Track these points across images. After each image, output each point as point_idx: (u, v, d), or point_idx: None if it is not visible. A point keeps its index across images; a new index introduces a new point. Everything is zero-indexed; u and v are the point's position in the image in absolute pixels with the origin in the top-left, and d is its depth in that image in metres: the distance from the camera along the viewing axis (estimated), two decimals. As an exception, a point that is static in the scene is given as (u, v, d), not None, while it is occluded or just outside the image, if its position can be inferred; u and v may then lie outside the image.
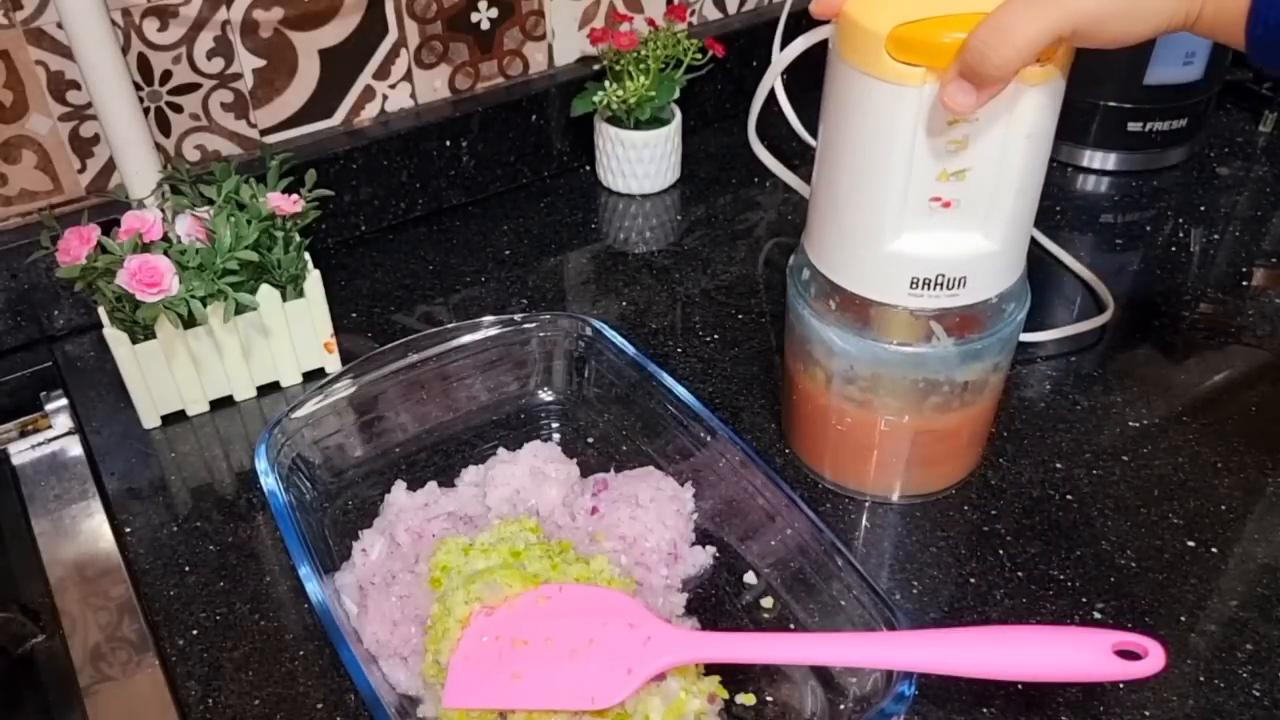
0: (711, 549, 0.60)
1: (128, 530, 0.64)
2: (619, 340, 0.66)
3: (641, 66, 0.88)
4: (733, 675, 0.52)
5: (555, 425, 0.70)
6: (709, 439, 0.61)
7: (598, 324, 0.68)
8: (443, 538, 0.57)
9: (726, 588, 0.59)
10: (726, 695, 0.51)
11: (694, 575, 0.59)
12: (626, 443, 0.67)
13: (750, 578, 0.59)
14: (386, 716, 0.47)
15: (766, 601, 0.58)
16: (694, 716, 0.49)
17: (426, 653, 0.52)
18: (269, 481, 0.58)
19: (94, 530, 0.65)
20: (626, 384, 0.66)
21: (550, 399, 0.71)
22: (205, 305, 0.66)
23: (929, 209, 0.52)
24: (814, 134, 0.96)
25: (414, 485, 0.63)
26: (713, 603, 0.58)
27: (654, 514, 0.59)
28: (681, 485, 0.62)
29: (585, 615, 0.51)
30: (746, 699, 0.53)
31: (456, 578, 0.54)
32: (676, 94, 0.90)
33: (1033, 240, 0.85)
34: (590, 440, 0.68)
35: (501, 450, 0.65)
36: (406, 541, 0.59)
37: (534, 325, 0.69)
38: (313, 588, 0.53)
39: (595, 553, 0.57)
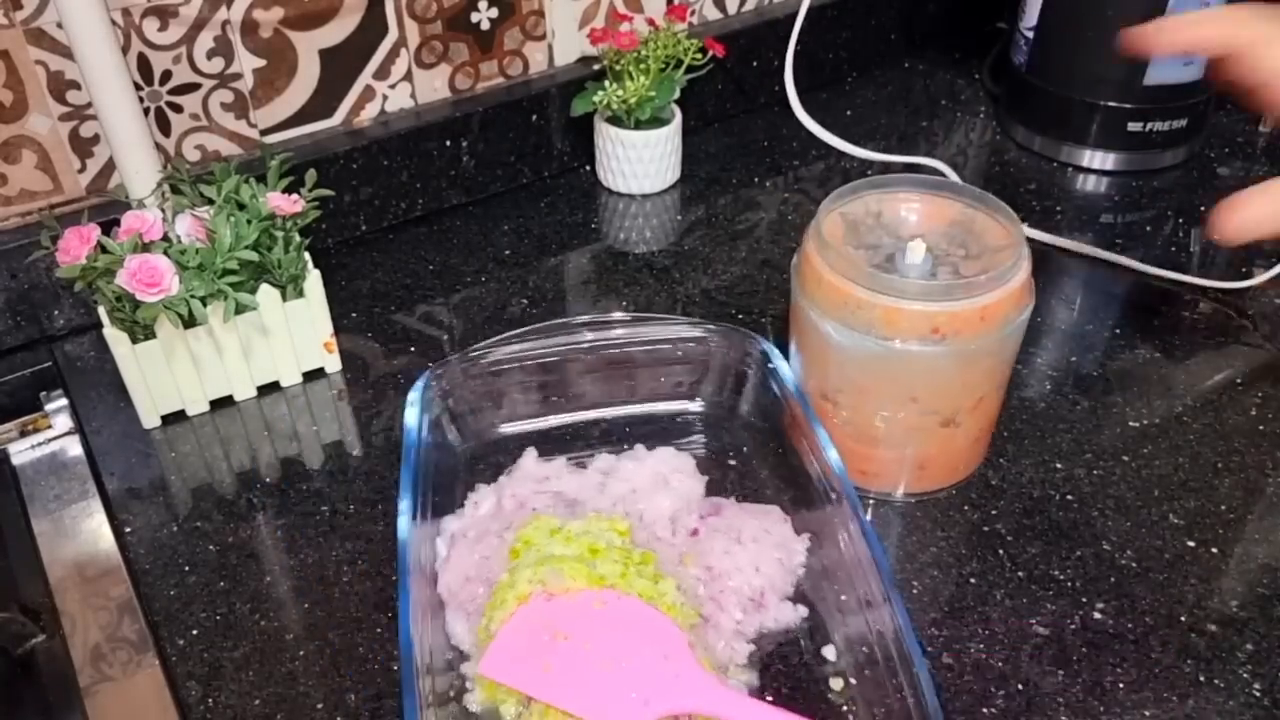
0: (804, 610, 0.57)
1: (128, 530, 0.64)
2: (784, 369, 0.64)
3: (641, 66, 0.88)
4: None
5: (700, 438, 0.68)
6: (837, 501, 0.57)
7: (769, 348, 0.65)
8: (539, 513, 0.58)
9: (804, 655, 0.55)
10: None
11: (773, 630, 0.56)
12: (761, 476, 0.65)
13: (830, 653, 0.55)
14: (412, 671, 0.48)
15: (836, 684, 0.54)
16: None
17: (484, 615, 0.53)
18: (411, 415, 0.61)
19: (94, 530, 0.65)
20: (781, 416, 0.64)
21: (704, 410, 0.70)
22: (205, 305, 0.66)
23: None
24: (822, 125, 0.96)
25: (547, 456, 0.64)
26: (781, 665, 0.55)
27: (750, 555, 0.57)
28: (798, 536, 0.59)
29: (630, 632, 0.51)
30: None
31: (532, 555, 0.54)
32: (676, 94, 0.90)
33: (1031, 240, 0.85)
34: (731, 462, 0.66)
35: (639, 448, 0.64)
36: (510, 507, 0.60)
37: (707, 333, 0.67)
38: (403, 522, 0.54)
39: (680, 574, 0.55)
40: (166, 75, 0.77)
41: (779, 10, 1.02)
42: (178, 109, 0.79)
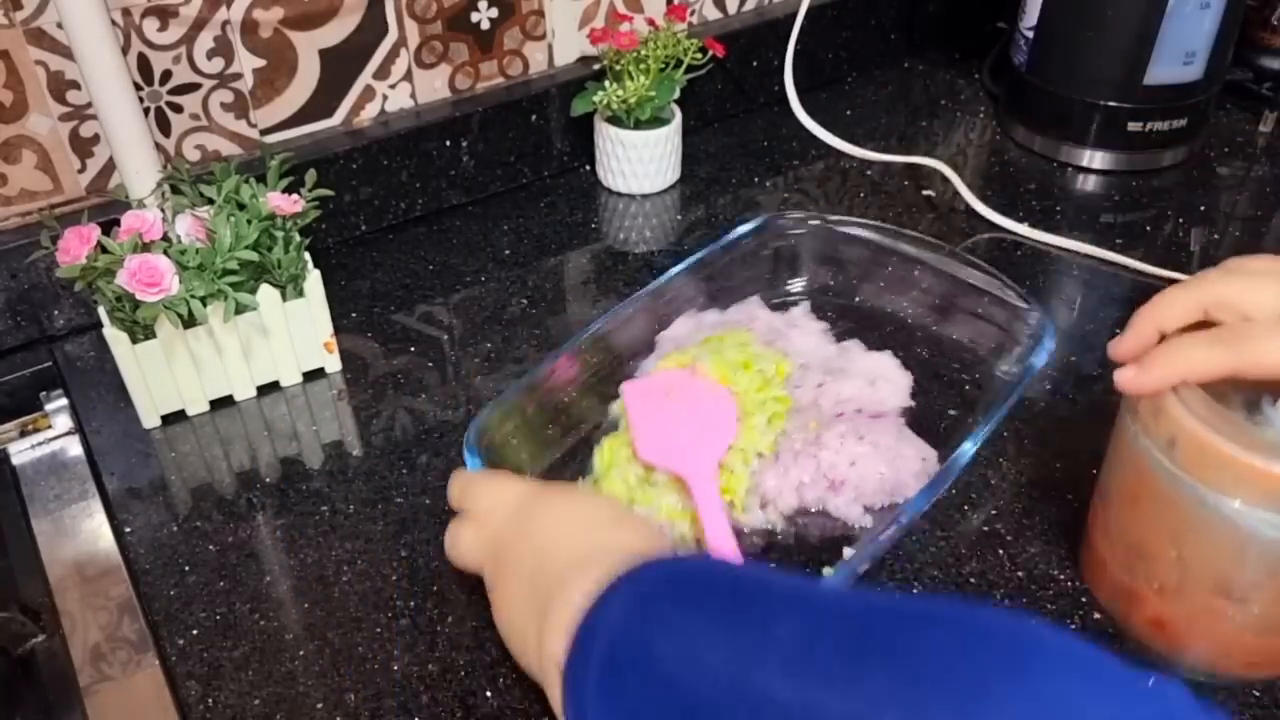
0: (868, 520, 0.61)
1: (128, 530, 0.64)
2: (1038, 362, 0.64)
3: (641, 66, 0.88)
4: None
5: (944, 373, 0.72)
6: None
7: (1049, 335, 0.65)
8: (749, 330, 0.70)
9: (830, 540, 0.61)
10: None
11: (830, 514, 0.62)
12: (956, 424, 0.68)
13: (847, 553, 0.58)
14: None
15: (827, 570, 0.57)
16: (679, 534, 0.59)
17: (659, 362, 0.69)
18: (743, 229, 0.75)
19: (94, 530, 0.65)
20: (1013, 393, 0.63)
21: (962, 352, 0.73)
22: (205, 305, 0.66)
23: None
24: (822, 125, 0.96)
25: (817, 315, 0.75)
26: (806, 532, 0.62)
27: (857, 452, 0.62)
28: (923, 478, 0.62)
29: (708, 418, 0.63)
30: None
31: (712, 346, 0.67)
32: (676, 94, 0.90)
33: (1031, 240, 0.86)
34: (950, 411, 0.69)
35: (886, 352, 0.70)
36: (745, 320, 0.73)
37: (1015, 297, 0.70)
38: (671, 272, 0.73)
39: (796, 429, 0.63)
40: (166, 75, 0.77)
41: (779, 10, 1.02)
42: (178, 109, 0.79)
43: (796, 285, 0.79)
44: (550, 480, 0.65)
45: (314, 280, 0.71)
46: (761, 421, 0.63)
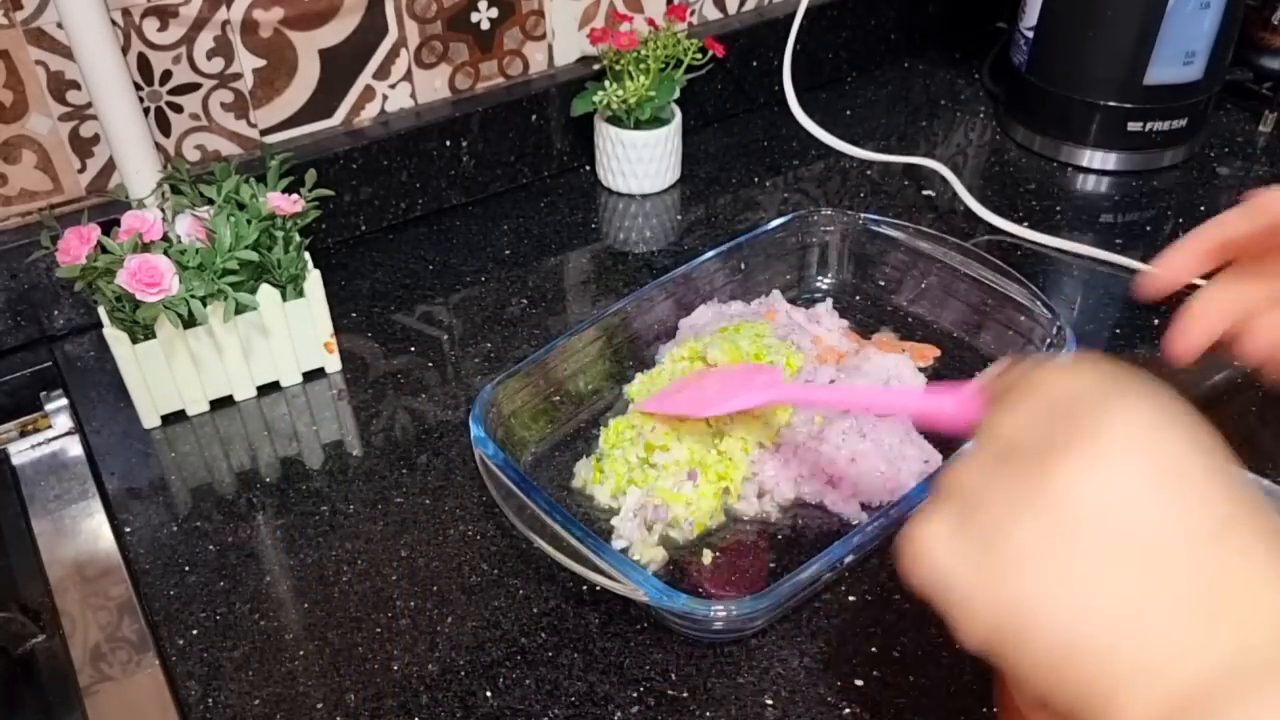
0: (864, 518, 0.61)
1: (128, 530, 0.64)
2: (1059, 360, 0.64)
3: (641, 66, 0.88)
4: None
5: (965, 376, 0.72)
6: None
7: (1068, 341, 0.66)
8: (766, 323, 0.71)
9: (822, 538, 0.61)
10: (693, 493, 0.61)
11: (827, 508, 0.63)
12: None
13: (848, 557, 0.57)
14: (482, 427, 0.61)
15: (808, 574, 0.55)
16: (674, 517, 0.61)
17: (677, 348, 0.71)
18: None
19: (94, 530, 0.65)
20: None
21: (984, 355, 0.74)
22: (205, 305, 0.66)
23: None
24: (821, 125, 0.96)
25: (840, 311, 0.76)
26: (800, 529, 0.62)
27: (860, 448, 0.62)
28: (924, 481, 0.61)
29: (733, 386, 0.63)
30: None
31: (727, 334, 0.69)
32: (676, 94, 0.90)
33: (1031, 240, 0.85)
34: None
35: (906, 355, 0.70)
36: (764, 311, 0.74)
37: (1037, 305, 0.71)
38: (710, 253, 0.76)
39: (801, 422, 0.65)
40: (166, 75, 0.77)
41: (779, 10, 1.02)
42: (178, 109, 0.79)
43: (823, 282, 0.81)
44: (549, 459, 0.67)
45: (314, 280, 0.71)
46: (765, 411, 0.64)
